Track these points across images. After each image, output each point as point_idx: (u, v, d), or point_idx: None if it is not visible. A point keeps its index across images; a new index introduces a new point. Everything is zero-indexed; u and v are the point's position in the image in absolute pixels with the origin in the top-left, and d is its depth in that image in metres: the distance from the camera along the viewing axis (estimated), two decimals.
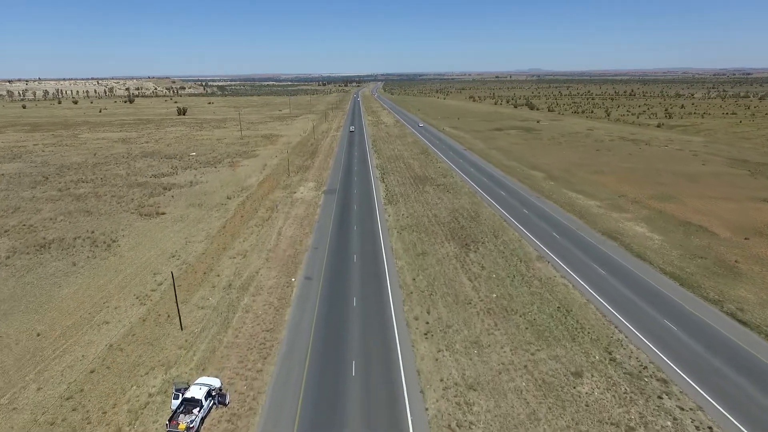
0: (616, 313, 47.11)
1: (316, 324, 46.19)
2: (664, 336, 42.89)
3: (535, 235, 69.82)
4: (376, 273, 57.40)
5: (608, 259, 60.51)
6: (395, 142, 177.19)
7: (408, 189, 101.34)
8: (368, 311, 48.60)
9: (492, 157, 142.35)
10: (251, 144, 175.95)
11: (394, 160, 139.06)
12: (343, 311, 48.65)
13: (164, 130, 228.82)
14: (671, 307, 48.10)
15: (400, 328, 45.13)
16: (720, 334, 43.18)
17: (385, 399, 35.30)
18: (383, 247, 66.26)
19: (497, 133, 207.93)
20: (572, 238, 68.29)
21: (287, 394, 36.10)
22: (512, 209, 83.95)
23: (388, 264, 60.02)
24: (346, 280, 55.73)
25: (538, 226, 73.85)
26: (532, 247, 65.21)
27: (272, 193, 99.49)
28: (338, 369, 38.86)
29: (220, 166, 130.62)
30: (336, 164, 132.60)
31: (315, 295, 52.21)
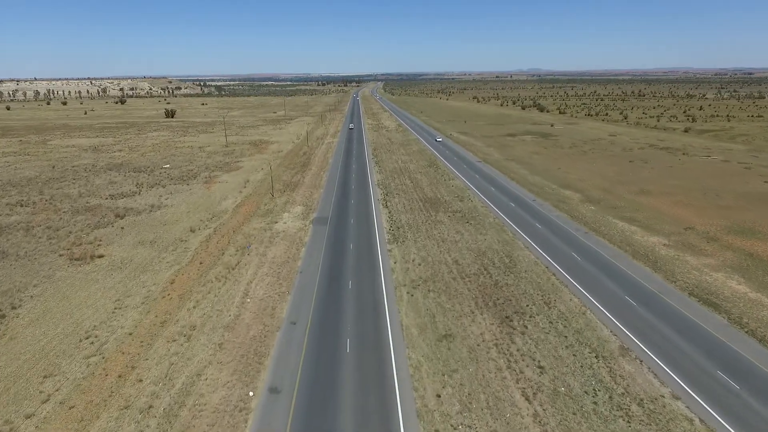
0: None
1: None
2: None
3: (604, 301, 49.89)
4: (379, 381, 37.60)
5: (728, 352, 40.66)
6: (398, 151, 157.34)
7: (417, 217, 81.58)
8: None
9: (512, 170, 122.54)
10: (236, 153, 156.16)
11: (398, 174, 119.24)
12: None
13: (145, 135, 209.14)
14: None
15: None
16: None
17: None
18: (389, 323, 46.45)
19: (511, 139, 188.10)
20: (657, 308, 48.39)
21: None
22: (557, 252, 64.09)
23: (398, 361, 40.20)
24: (334, 397, 35.98)
25: (601, 284, 54.02)
26: (605, 324, 45.29)
27: (248, 223, 79.74)
28: None
29: (194, 183, 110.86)
30: (330, 180, 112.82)
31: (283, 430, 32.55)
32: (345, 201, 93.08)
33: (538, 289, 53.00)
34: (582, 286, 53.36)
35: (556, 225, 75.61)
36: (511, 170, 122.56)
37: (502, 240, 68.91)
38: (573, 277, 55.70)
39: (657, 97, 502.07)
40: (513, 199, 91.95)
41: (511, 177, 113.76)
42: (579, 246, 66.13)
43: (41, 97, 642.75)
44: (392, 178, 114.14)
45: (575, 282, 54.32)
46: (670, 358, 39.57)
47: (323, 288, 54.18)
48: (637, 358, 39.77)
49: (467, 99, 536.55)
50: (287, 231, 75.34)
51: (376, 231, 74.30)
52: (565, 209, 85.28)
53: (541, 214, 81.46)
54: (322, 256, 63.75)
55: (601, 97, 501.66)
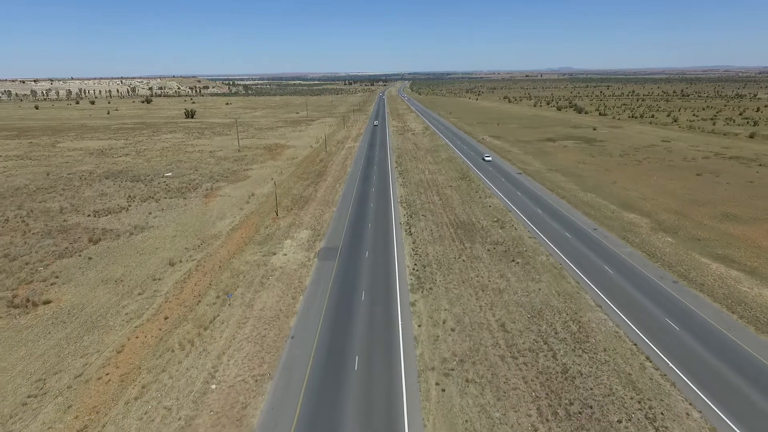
0: None
1: None
2: None
3: (742, 421, 32.87)
4: None
5: None
6: (425, 159, 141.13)
7: (448, 250, 65.51)
8: None
9: (558, 185, 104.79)
10: (247, 159, 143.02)
11: (425, 189, 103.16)
12: None
13: (158, 137, 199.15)
14: None
15: None
16: None
17: None
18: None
19: (550, 145, 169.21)
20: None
21: None
22: (643, 317, 46.96)
23: None
24: None
25: (724, 381, 36.86)
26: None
27: (241, 254, 65.30)
28: None
29: (192, 196, 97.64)
30: (346, 195, 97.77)
31: None
32: (361, 224, 77.74)
33: (629, 385, 36.26)
34: (697, 384, 36.29)
35: (631, 268, 58.21)
36: (557, 185, 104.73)
37: (563, 291, 52.14)
38: (678, 365, 38.62)
39: (703, 97, 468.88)
40: (567, 227, 74.66)
41: (558, 194, 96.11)
42: (671, 305, 48.73)
43: (72, 96, 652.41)
44: (418, 194, 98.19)
45: (684, 375, 37.27)
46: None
47: (319, 369, 38.88)
48: None
49: (498, 99, 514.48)
50: (285, 268, 60.45)
51: (396, 271, 58.62)
52: (636, 242, 67.57)
53: (608, 251, 64.02)
54: (323, 313, 48.47)
55: (642, 98, 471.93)
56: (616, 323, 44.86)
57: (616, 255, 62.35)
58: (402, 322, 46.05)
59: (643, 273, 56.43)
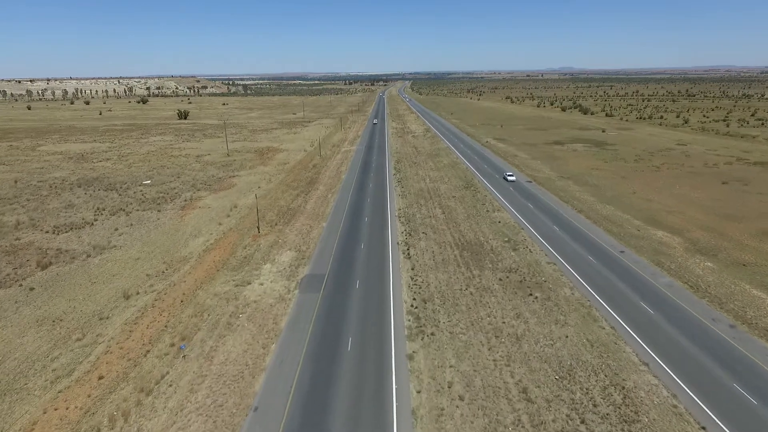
0: None
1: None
2: None
3: None
4: None
5: None
6: (426, 165, 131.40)
7: (453, 279, 55.80)
8: None
9: (573, 196, 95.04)
10: (235, 164, 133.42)
11: (426, 199, 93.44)
12: None
13: (146, 139, 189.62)
14: None
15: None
16: None
17: None
18: None
19: (559, 149, 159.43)
20: None
21: None
22: (702, 379, 37.12)
23: None
24: None
25: None
26: None
27: (210, 284, 55.63)
28: None
29: (168, 209, 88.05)
30: (338, 207, 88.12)
31: None
32: (353, 244, 68.06)
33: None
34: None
35: (674, 306, 48.40)
36: (571, 195, 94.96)
37: (597, 340, 42.37)
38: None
39: (710, 97, 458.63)
40: (589, 248, 64.89)
41: (575, 206, 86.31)
42: (738, 364, 38.78)
43: (68, 96, 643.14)
44: (418, 206, 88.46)
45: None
46: None
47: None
48: None
49: (500, 99, 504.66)
50: (260, 303, 50.77)
51: (391, 308, 48.91)
52: (672, 269, 57.80)
53: (643, 282, 54.24)
54: (298, 370, 38.79)
55: (647, 98, 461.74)
56: (672, 392, 35.07)
57: (653, 287, 52.54)
58: (397, 386, 36.34)
59: (691, 314, 46.58)
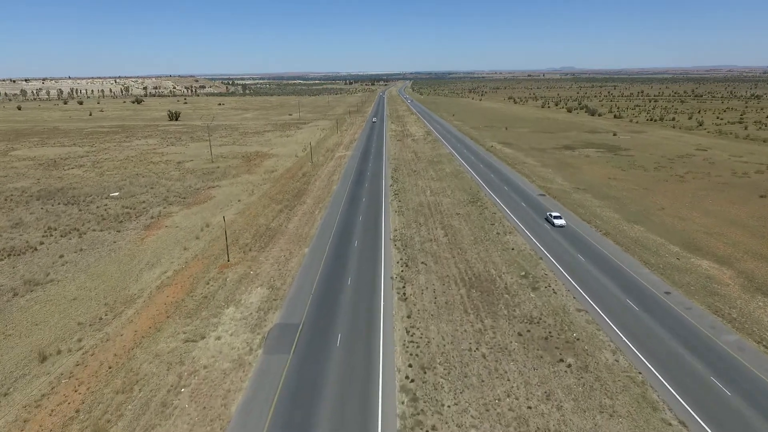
0: None
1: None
2: None
3: None
4: None
5: None
6: (426, 173, 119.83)
7: (458, 334, 44.30)
8: None
9: (594, 213, 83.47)
10: (218, 172, 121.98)
11: (426, 217, 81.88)
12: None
13: (129, 143, 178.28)
14: None
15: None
16: None
17: None
18: None
19: (570, 155, 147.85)
20: None
21: None
22: None
23: None
24: None
25: None
26: None
27: (155, 337, 44.17)
28: None
29: (130, 228, 76.67)
30: (325, 228, 76.60)
31: None
32: (338, 278, 56.61)
33: None
34: None
35: (757, 385, 36.78)
36: (593, 212, 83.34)
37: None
38: None
39: (717, 97, 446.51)
40: (627, 288, 53.14)
41: (599, 228, 74.61)
42: None
43: (64, 96, 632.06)
44: (417, 226, 76.91)
45: None
46: None
47: None
48: None
49: (502, 99, 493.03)
50: (211, 370, 39.29)
51: (379, 382, 37.39)
52: (735, 319, 46.20)
53: (705, 343, 42.48)
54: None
55: (654, 99, 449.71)
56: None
57: (720, 351, 40.80)
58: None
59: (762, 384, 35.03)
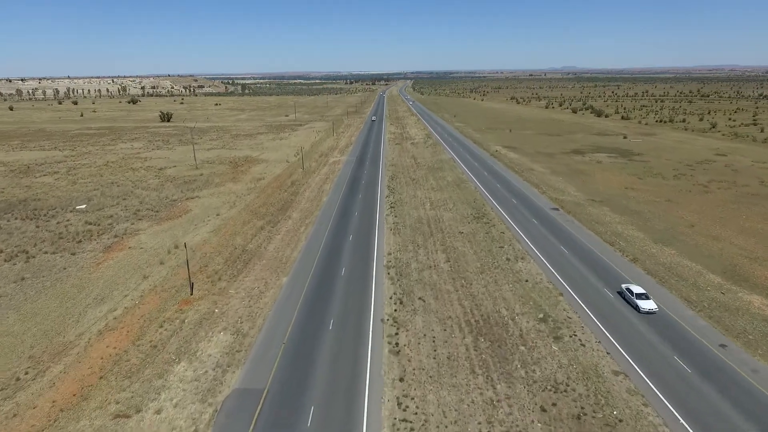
0: None
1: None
2: None
3: None
4: None
5: None
6: (426, 182, 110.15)
7: (464, 405, 34.81)
8: None
9: (616, 231, 73.75)
10: (200, 181, 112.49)
11: (425, 237, 72.23)
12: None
13: (113, 146, 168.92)
14: None
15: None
16: None
17: None
18: None
19: (580, 160, 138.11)
20: None
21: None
22: None
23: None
24: None
25: None
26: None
27: (75, 413, 34.65)
28: None
29: (88, 249, 67.24)
30: (309, 250, 67.00)
31: None
32: (318, 322, 47.07)
33: None
34: None
35: None
36: (614, 231, 73.56)
37: None
38: None
39: (725, 98, 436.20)
40: (674, 341, 43.26)
41: (625, 252, 64.80)
42: None
43: (60, 96, 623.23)
44: (414, 248, 67.28)
45: None
46: None
47: None
48: None
49: (504, 100, 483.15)
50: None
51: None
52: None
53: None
54: None
55: (660, 99, 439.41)
56: None
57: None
58: None
59: None
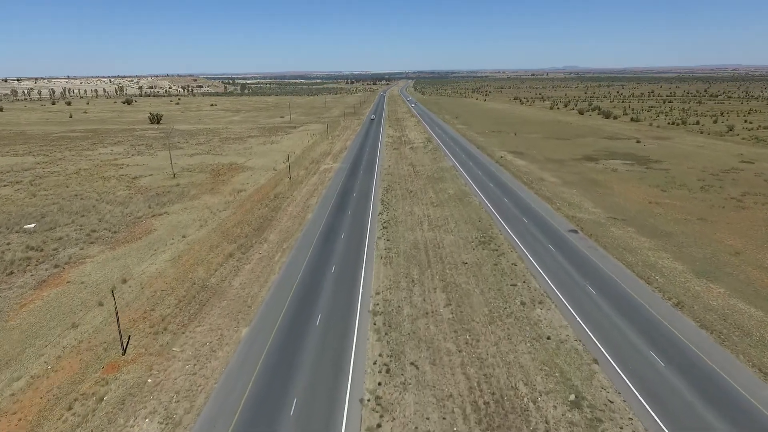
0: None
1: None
2: None
3: None
4: None
5: None
6: (425, 196, 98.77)
7: None
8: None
9: (648, 260, 62.25)
10: (173, 193, 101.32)
11: (422, 268, 60.82)
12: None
13: (91, 152, 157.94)
14: None
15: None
16: None
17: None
18: None
19: (594, 168, 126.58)
20: None
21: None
22: None
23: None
24: None
25: None
26: None
27: None
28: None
29: (17, 285, 56.10)
30: (280, 289, 55.61)
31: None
32: (276, 403, 35.80)
33: None
34: None
35: None
36: (646, 261, 61.97)
37: None
38: None
39: (734, 98, 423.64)
40: None
41: (665, 292, 53.23)
42: None
43: (56, 96, 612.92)
44: (408, 284, 55.92)
45: None
46: None
47: None
48: None
49: (507, 100, 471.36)
50: None
51: None
52: None
53: None
54: None
55: (667, 99, 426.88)
56: None
57: None
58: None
59: None
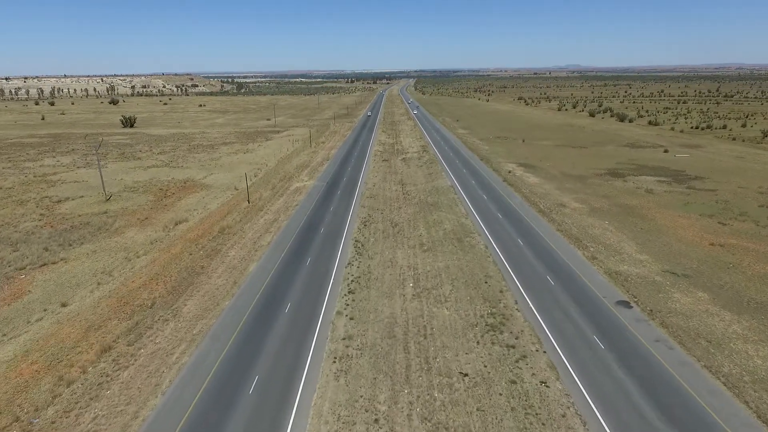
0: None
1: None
2: None
3: None
4: None
5: None
6: (413, 232, 76.34)
7: None
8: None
9: (752, 370, 39.96)
10: (95, 224, 79.24)
11: (394, 392, 38.49)
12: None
13: (31, 163, 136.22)
14: None
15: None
16: None
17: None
18: None
19: (623, 187, 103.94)
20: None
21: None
22: None
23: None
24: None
25: None
26: None
27: None
28: None
29: None
30: (161, 419, 33.49)
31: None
32: None
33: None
34: None
35: None
36: (746, 368, 39.88)
37: None
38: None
39: (750, 98, 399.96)
40: None
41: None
42: None
43: (45, 95, 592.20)
44: (366, 427, 33.77)
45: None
46: None
47: None
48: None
49: (511, 100, 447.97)
50: None
51: None
52: None
53: None
54: None
55: (681, 99, 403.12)
56: None
57: None
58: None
59: None
